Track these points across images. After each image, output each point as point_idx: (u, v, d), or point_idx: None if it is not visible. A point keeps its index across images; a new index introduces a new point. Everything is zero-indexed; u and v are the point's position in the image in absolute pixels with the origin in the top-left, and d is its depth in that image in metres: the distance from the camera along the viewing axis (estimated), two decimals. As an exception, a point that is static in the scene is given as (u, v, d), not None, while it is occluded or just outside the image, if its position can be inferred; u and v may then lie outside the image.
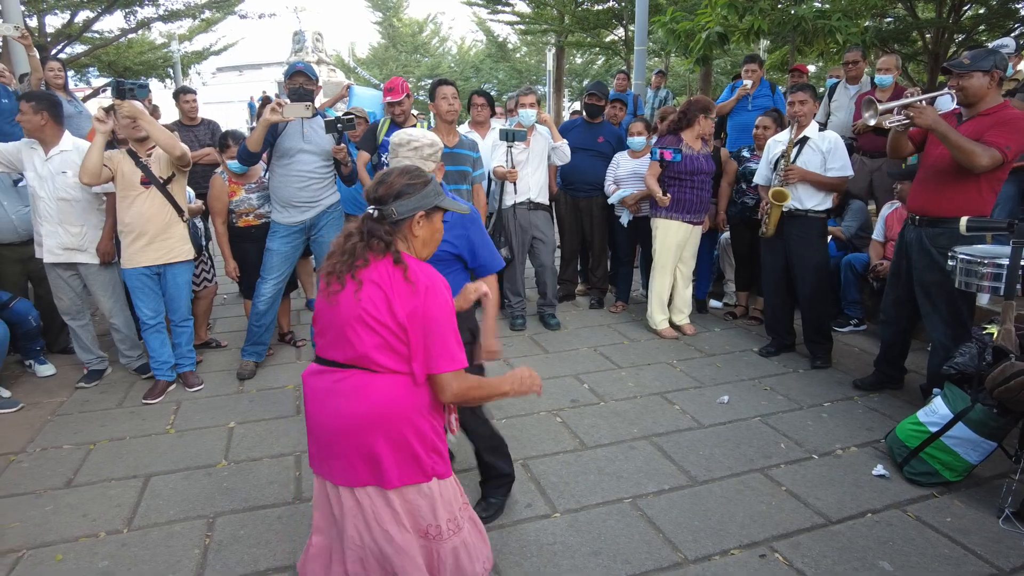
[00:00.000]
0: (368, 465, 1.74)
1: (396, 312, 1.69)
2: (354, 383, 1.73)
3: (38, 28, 12.42)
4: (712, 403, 3.70)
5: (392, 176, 1.81)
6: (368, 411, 1.72)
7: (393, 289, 1.70)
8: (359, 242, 1.73)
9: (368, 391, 1.72)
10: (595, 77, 25.26)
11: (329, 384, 1.77)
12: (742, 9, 7.27)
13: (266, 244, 4.09)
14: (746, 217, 4.86)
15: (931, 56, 9.80)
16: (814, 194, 4.05)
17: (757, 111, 5.81)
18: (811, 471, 2.98)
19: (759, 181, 4.37)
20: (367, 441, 1.72)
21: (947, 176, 3.24)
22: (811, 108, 4.08)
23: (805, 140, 4.07)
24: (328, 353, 1.79)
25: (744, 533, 2.54)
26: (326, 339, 1.79)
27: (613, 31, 17.63)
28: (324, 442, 1.78)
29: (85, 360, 4.09)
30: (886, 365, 3.83)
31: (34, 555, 2.47)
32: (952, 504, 2.70)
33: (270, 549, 2.48)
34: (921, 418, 2.89)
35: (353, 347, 1.72)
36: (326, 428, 1.77)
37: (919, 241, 3.37)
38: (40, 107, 3.66)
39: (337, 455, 1.76)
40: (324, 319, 1.79)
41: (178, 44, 17.79)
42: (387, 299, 1.69)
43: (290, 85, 3.92)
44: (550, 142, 4.80)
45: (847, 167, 4.04)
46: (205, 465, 3.10)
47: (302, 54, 27.12)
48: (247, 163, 4.02)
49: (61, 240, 3.79)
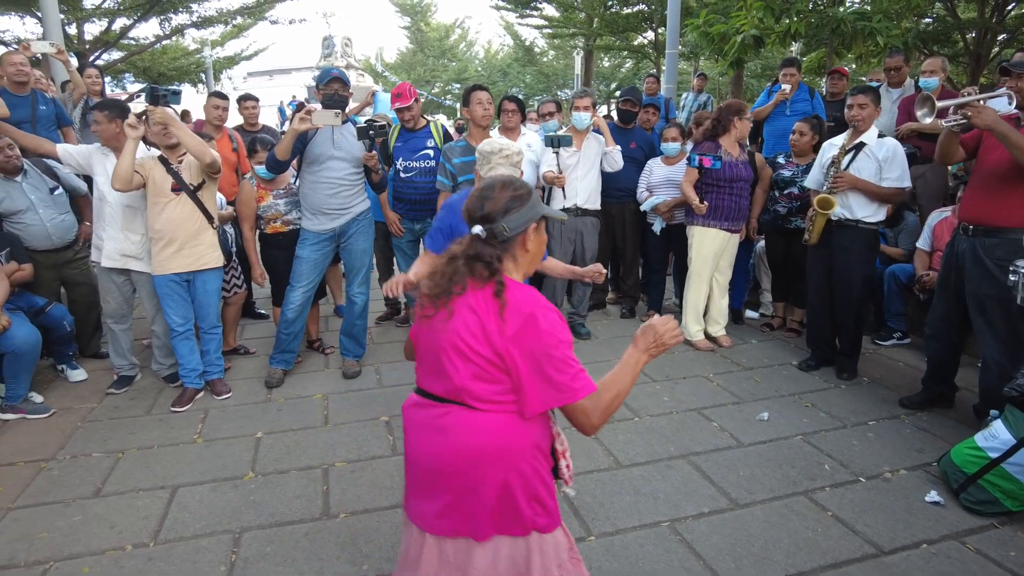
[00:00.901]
0: (461, 512, 1.59)
1: (493, 341, 1.52)
2: (454, 421, 1.58)
3: (77, 35, 12.72)
4: (751, 420, 3.56)
5: (495, 190, 1.62)
6: (468, 452, 1.56)
7: (490, 316, 1.53)
8: (461, 266, 1.58)
9: (469, 431, 1.56)
10: (623, 80, 25.09)
11: (429, 419, 1.63)
12: (778, 11, 7.10)
13: (296, 252, 4.05)
14: (778, 226, 4.70)
15: (973, 57, 9.51)
16: (866, 204, 3.85)
17: (795, 116, 5.64)
18: (859, 495, 2.83)
19: (810, 185, 4.19)
20: (464, 485, 1.57)
21: (1005, 183, 3.07)
22: (871, 113, 3.83)
23: (861, 146, 3.85)
24: (427, 384, 1.65)
25: (790, 562, 2.41)
26: (424, 368, 1.67)
27: (642, 34, 17.48)
28: (421, 480, 1.64)
29: (118, 365, 4.10)
30: (934, 382, 3.65)
31: (61, 567, 2.44)
32: (1016, 536, 2.53)
33: (296, 568, 2.42)
34: (979, 442, 2.72)
35: (450, 379, 1.57)
36: (424, 466, 1.63)
37: (973, 252, 3.19)
38: (114, 115, 3.74)
39: (430, 496, 1.62)
40: (422, 346, 1.66)
41: (210, 49, 18.13)
42: (482, 326, 1.53)
43: (325, 91, 3.88)
44: (603, 146, 4.70)
45: (904, 178, 3.81)
46: (232, 477, 3.06)
47: (331, 59, 27.43)
48: (276, 171, 3.99)
49: (121, 246, 3.83)
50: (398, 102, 4.42)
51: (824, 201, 3.87)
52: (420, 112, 4.58)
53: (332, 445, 3.35)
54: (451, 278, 1.57)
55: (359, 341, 4.35)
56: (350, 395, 3.98)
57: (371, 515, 2.73)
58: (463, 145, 3.98)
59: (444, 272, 1.59)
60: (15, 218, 4.04)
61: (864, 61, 9.65)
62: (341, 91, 3.91)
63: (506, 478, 1.56)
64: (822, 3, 7.83)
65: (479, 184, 1.72)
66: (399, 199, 4.63)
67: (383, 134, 3.86)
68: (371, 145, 3.85)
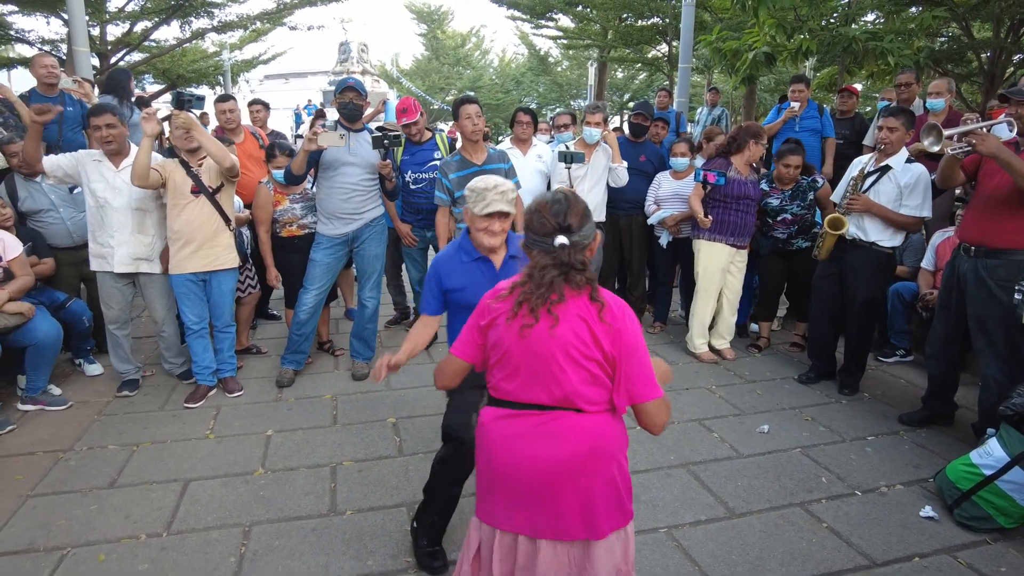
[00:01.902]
0: (580, 514, 1.64)
1: (602, 343, 1.60)
2: (562, 425, 1.63)
3: (100, 36, 12.95)
4: (752, 432, 3.61)
5: (569, 202, 1.68)
6: (581, 454, 1.62)
7: (595, 320, 1.60)
8: (556, 276, 1.60)
9: (579, 432, 1.62)
10: (637, 92, 25.21)
11: (527, 429, 1.65)
12: (790, 29, 7.17)
13: (310, 255, 4.16)
14: (779, 248, 4.73)
15: (987, 77, 9.50)
16: (881, 228, 3.82)
17: (805, 132, 5.71)
18: (854, 508, 2.88)
19: (836, 200, 4.13)
20: (580, 486, 1.62)
21: (1005, 206, 3.13)
22: (901, 136, 3.72)
23: (887, 169, 3.80)
24: (524, 395, 1.66)
25: (784, 571, 2.46)
26: (520, 379, 1.66)
27: (656, 47, 17.58)
28: (522, 492, 1.66)
29: (123, 370, 4.11)
30: (934, 401, 3.69)
31: (78, 553, 2.53)
32: (1007, 552, 2.57)
33: (303, 562, 2.50)
34: (974, 459, 2.77)
35: (560, 386, 1.61)
36: (526, 477, 1.64)
37: (975, 272, 3.24)
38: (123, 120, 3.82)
39: (539, 505, 1.64)
40: (516, 358, 1.65)
41: (229, 53, 18.38)
42: (591, 331, 1.60)
43: (340, 100, 3.99)
44: (610, 161, 4.76)
45: (925, 207, 3.73)
46: (243, 472, 3.15)
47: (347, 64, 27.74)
48: (292, 184, 4.12)
49: (132, 250, 3.86)
50: (404, 118, 4.54)
51: (835, 221, 3.88)
52: (425, 125, 4.69)
53: (340, 444, 3.43)
54: (549, 287, 1.59)
55: (369, 344, 4.45)
56: (359, 396, 4.07)
57: (377, 513, 2.81)
58: (459, 159, 3.98)
59: (541, 282, 1.60)
60: (37, 217, 4.16)
61: (876, 79, 9.69)
62: (356, 100, 4.02)
63: (612, 474, 1.66)
64: (834, 21, 7.89)
65: (546, 197, 1.73)
66: (409, 210, 4.73)
67: (397, 143, 3.94)
68: (385, 154, 3.95)
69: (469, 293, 2.40)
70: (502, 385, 1.69)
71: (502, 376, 1.69)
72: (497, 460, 1.70)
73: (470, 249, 2.43)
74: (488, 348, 1.72)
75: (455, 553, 2.49)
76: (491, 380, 1.74)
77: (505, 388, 1.69)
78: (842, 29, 7.33)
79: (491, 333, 1.70)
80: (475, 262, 2.43)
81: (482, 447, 1.75)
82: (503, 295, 1.69)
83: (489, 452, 1.72)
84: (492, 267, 2.43)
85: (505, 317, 1.65)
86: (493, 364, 1.72)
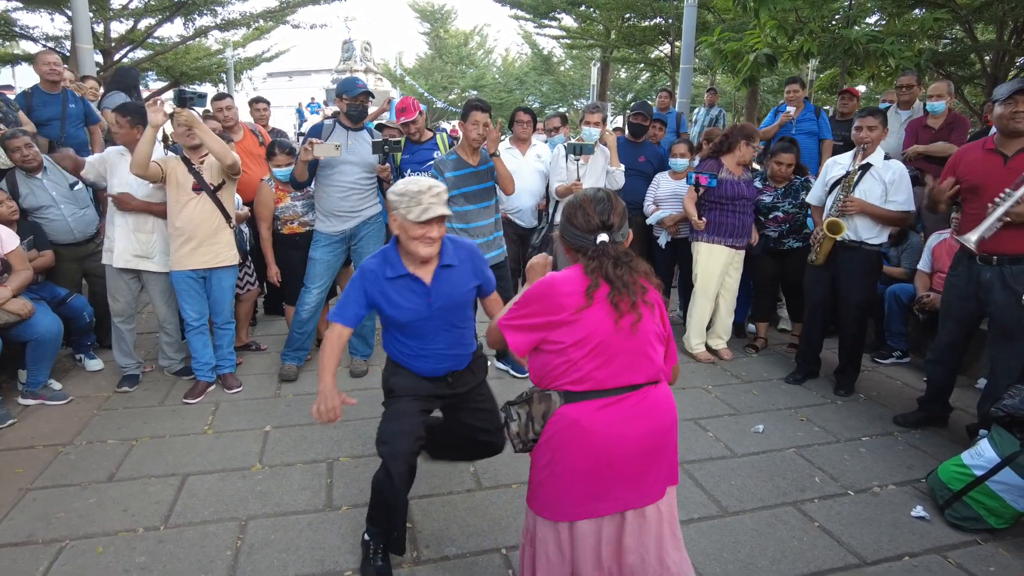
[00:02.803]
0: (670, 469, 1.83)
1: (665, 321, 1.86)
2: (654, 399, 1.79)
3: (103, 33, 13.00)
4: (746, 431, 3.63)
5: (611, 201, 1.82)
6: (671, 418, 1.82)
7: (659, 302, 1.83)
8: (627, 273, 1.74)
9: (665, 400, 1.82)
10: (639, 92, 25.19)
11: (625, 411, 1.75)
12: (791, 31, 7.18)
13: (309, 254, 4.19)
14: (771, 248, 4.74)
15: (990, 79, 9.49)
16: (871, 226, 3.89)
17: (801, 135, 5.72)
18: (846, 508, 2.90)
19: (812, 201, 4.22)
20: (670, 446, 1.82)
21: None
22: (879, 135, 3.86)
23: (868, 167, 3.89)
24: (621, 379, 1.75)
25: (775, 569, 2.48)
26: (613, 367, 1.74)
27: (659, 47, 17.57)
28: (627, 470, 1.75)
29: (124, 364, 4.14)
30: (932, 404, 3.70)
31: (76, 546, 2.56)
32: (996, 553, 2.59)
33: (299, 556, 2.52)
34: (966, 460, 2.79)
35: (652, 364, 1.79)
36: (634, 456, 1.75)
37: (1001, 280, 3.18)
38: (136, 121, 3.82)
39: (640, 476, 1.76)
40: (612, 348, 1.73)
41: (232, 51, 18.41)
42: (660, 311, 1.83)
43: (352, 102, 4.01)
44: (607, 163, 4.74)
45: (910, 201, 3.84)
46: (240, 467, 3.18)
47: (351, 63, 27.73)
48: (297, 189, 4.21)
49: (132, 247, 3.92)
50: (403, 116, 4.58)
51: (834, 225, 3.90)
52: (425, 124, 4.72)
53: (337, 440, 3.46)
54: (633, 279, 1.75)
55: (367, 341, 4.47)
56: (357, 393, 4.03)
57: (372, 508, 2.83)
58: (455, 159, 3.96)
59: (625, 281, 1.73)
60: (39, 213, 4.19)
61: (878, 81, 9.68)
62: (365, 103, 4.08)
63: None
64: (835, 23, 7.90)
65: (590, 195, 1.83)
66: None
67: (397, 149, 4.01)
68: (384, 159, 4.00)
69: (401, 313, 2.31)
70: (596, 374, 1.74)
71: (595, 366, 1.74)
72: (605, 448, 1.73)
73: (396, 264, 2.28)
74: (567, 347, 1.74)
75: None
76: (575, 373, 1.74)
77: (599, 376, 1.74)
78: (843, 31, 7.34)
79: (567, 332, 1.73)
80: (401, 279, 2.29)
81: (582, 441, 1.74)
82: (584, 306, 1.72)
83: (592, 444, 1.73)
84: (422, 284, 2.30)
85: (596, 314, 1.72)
86: (580, 358, 1.73)
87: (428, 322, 2.34)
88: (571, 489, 1.76)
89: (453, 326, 2.41)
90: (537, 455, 1.83)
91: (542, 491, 1.81)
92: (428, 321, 2.34)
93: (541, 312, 1.76)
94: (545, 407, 1.78)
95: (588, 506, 1.76)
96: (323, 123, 4.15)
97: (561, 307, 1.73)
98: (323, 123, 4.15)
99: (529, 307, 1.79)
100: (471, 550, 2.57)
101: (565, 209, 1.84)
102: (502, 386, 4.16)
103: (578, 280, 1.75)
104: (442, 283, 2.32)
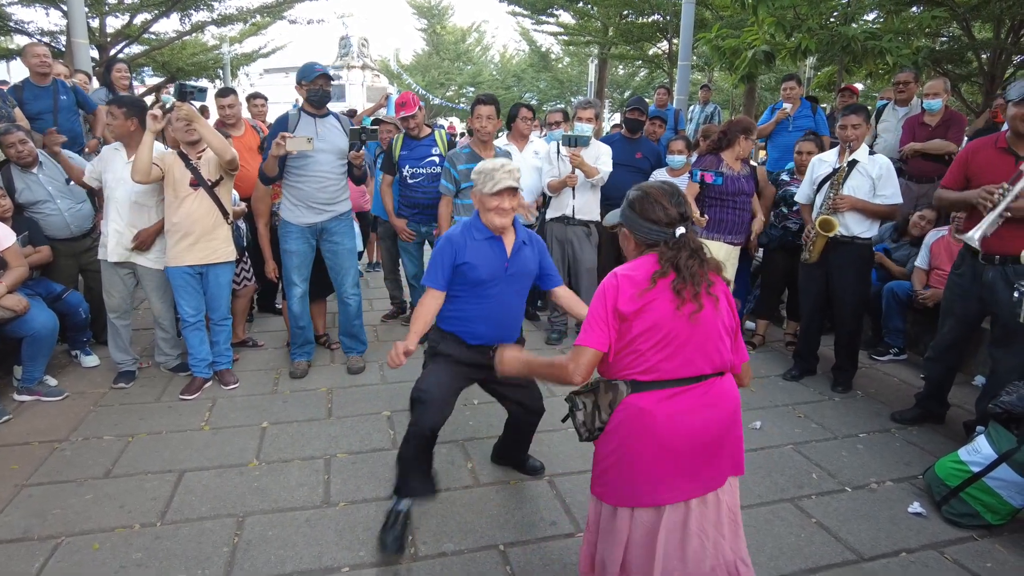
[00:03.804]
0: (731, 460, 1.87)
1: (734, 314, 1.89)
2: (718, 390, 1.83)
3: (99, 28, 12.93)
4: (745, 428, 3.62)
5: (681, 192, 1.88)
6: (734, 409, 1.86)
7: (728, 295, 1.87)
8: (698, 264, 1.78)
9: (730, 392, 1.86)
10: (637, 89, 25.18)
11: (693, 401, 1.79)
12: (789, 28, 7.17)
13: (283, 247, 4.14)
14: (788, 242, 4.73)
15: (987, 78, 9.51)
16: (861, 220, 3.93)
17: (798, 132, 5.72)
18: (844, 504, 2.91)
19: (800, 200, 4.27)
20: (733, 437, 1.86)
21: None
22: (863, 132, 3.93)
23: (854, 164, 3.93)
24: (687, 370, 1.78)
25: (773, 565, 2.49)
26: (682, 356, 1.78)
27: (657, 44, 17.56)
28: (692, 460, 1.79)
29: (120, 360, 4.14)
30: (930, 401, 3.71)
31: (72, 542, 2.55)
32: (993, 549, 2.60)
33: (296, 552, 2.52)
34: (963, 456, 2.79)
35: (720, 355, 1.82)
36: (699, 446, 1.79)
37: (1005, 279, 3.17)
38: (132, 113, 3.80)
39: (704, 466, 1.80)
40: (680, 338, 1.76)
41: (229, 46, 18.35)
42: (729, 304, 1.87)
43: (312, 87, 3.92)
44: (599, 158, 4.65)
45: (898, 194, 3.91)
46: (237, 464, 3.17)
47: (348, 59, 27.69)
48: (267, 184, 4.16)
49: (125, 241, 3.89)
50: (403, 111, 4.55)
51: (826, 223, 3.92)
52: (424, 120, 4.70)
53: (335, 437, 3.45)
54: (703, 275, 1.78)
55: (360, 338, 4.47)
56: (354, 390, 4.09)
57: (370, 504, 2.82)
58: (468, 152, 4.07)
59: (692, 272, 1.76)
60: (35, 208, 4.17)
61: (876, 79, 9.69)
62: (325, 87, 3.99)
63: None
64: (833, 21, 7.90)
65: (658, 187, 1.87)
66: (406, 204, 4.74)
67: (373, 137, 4.04)
68: (359, 146, 4.01)
69: (481, 270, 2.56)
70: (663, 365, 1.77)
71: (662, 356, 1.77)
72: (670, 437, 1.77)
73: (482, 228, 2.57)
74: (634, 337, 1.77)
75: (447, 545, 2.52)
76: (643, 364, 1.78)
77: (666, 367, 1.77)
78: (841, 28, 7.33)
79: (638, 321, 1.76)
80: (487, 241, 2.57)
81: (648, 429, 1.77)
82: (647, 289, 1.75)
83: (656, 433, 1.77)
84: (503, 247, 2.59)
85: (661, 304, 1.75)
86: (648, 348, 1.77)
87: (498, 284, 2.60)
88: (636, 476, 1.80)
89: (517, 295, 2.70)
90: (602, 443, 1.87)
91: (607, 478, 1.86)
92: (498, 283, 2.60)
93: (620, 303, 1.77)
94: (612, 396, 1.82)
95: (652, 493, 1.79)
96: (287, 114, 4.05)
97: (629, 295, 1.76)
98: (287, 114, 4.05)
99: (597, 299, 1.81)
100: (469, 547, 2.57)
101: (634, 204, 1.85)
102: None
103: (648, 266, 1.80)
104: (520, 257, 2.65)
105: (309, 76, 3.92)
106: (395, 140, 4.67)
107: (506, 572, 2.43)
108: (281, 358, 4.61)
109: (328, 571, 2.42)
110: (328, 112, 4.08)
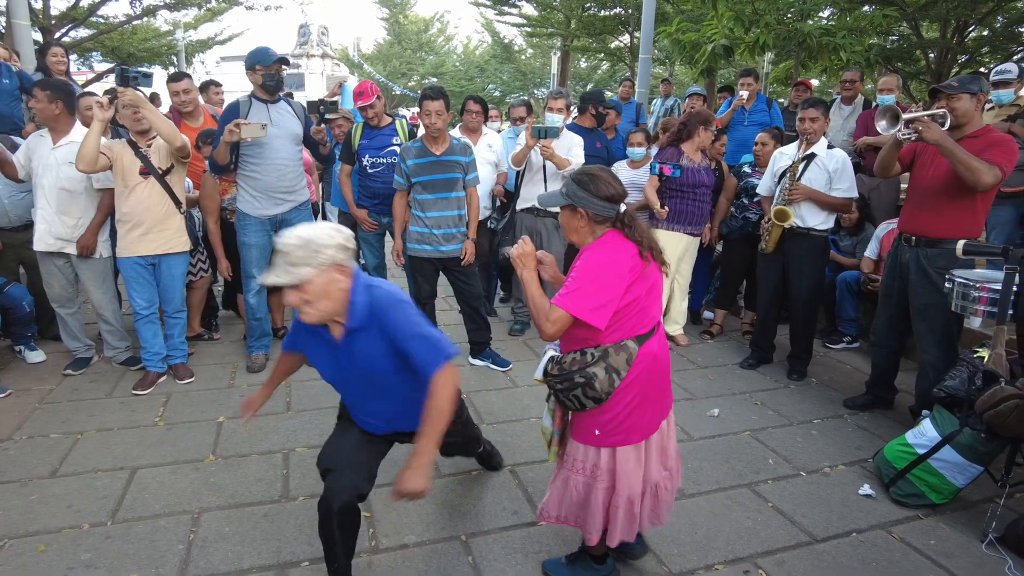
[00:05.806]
0: None
1: None
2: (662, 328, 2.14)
3: (42, 10, 12.37)
4: (703, 416, 3.70)
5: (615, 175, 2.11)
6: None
7: None
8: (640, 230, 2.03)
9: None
10: (599, 82, 25.31)
11: (661, 335, 2.12)
12: (748, 23, 7.29)
13: (240, 239, 4.05)
14: (748, 232, 4.82)
15: (934, 76, 9.85)
16: (817, 212, 4.03)
17: (753, 126, 5.83)
18: (799, 488, 2.99)
19: (762, 192, 4.36)
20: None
21: (941, 197, 3.26)
22: (822, 125, 4.02)
23: (812, 157, 4.02)
24: (657, 312, 2.11)
25: (729, 548, 2.54)
26: (657, 304, 2.10)
27: (618, 37, 17.67)
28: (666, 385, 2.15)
29: (72, 347, 4.08)
30: (877, 387, 3.84)
31: (16, 545, 2.45)
32: (937, 527, 2.71)
33: (255, 547, 2.47)
34: (909, 439, 2.90)
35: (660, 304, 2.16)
36: (667, 372, 2.15)
37: (916, 262, 3.38)
38: (56, 96, 3.66)
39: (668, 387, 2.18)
40: (655, 292, 2.07)
41: (183, 32, 17.78)
42: None
43: (268, 71, 3.82)
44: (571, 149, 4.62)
45: (853, 188, 4.01)
46: (193, 459, 3.09)
47: (307, 47, 27.11)
48: (218, 173, 4.06)
49: (55, 230, 3.77)
50: (360, 100, 4.45)
51: (781, 213, 4.02)
52: (384, 109, 4.62)
53: (293, 431, 3.39)
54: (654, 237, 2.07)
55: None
56: (312, 383, 4.01)
57: (330, 498, 2.78)
58: (419, 147, 3.93)
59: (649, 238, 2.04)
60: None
61: (830, 75, 9.94)
62: (280, 72, 3.93)
63: None
64: (790, 17, 8.06)
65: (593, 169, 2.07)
66: (366, 195, 4.66)
67: (333, 110, 3.98)
68: (320, 119, 3.94)
69: (324, 370, 2.14)
70: (654, 313, 2.08)
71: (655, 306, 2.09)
72: (664, 369, 2.12)
73: None
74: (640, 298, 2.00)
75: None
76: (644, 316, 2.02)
77: (653, 313, 2.08)
78: (797, 24, 7.49)
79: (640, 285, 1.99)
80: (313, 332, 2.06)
81: (657, 368, 2.07)
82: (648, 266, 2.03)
83: (664, 369, 2.11)
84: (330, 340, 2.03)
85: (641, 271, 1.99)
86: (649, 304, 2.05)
87: (349, 384, 2.12)
88: (648, 411, 2.07)
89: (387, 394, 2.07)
90: (617, 398, 2.00)
91: (630, 423, 2.03)
92: (349, 383, 2.11)
93: (618, 281, 1.93)
94: (626, 355, 1.98)
95: (657, 419, 2.11)
96: (239, 101, 3.93)
97: (631, 268, 1.96)
98: (239, 101, 3.93)
99: (600, 281, 1.92)
100: (430, 538, 2.56)
101: (587, 185, 1.98)
102: (484, 380, 4.15)
103: (623, 241, 2.00)
104: (350, 347, 1.97)
105: (266, 61, 3.82)
106: (354, 129, 4.57)
107: (468, 563, 2.43)
108: (238, 351, 4.51)
109: (287, 566, 2.38)
110: (279, 98, 4.00)
